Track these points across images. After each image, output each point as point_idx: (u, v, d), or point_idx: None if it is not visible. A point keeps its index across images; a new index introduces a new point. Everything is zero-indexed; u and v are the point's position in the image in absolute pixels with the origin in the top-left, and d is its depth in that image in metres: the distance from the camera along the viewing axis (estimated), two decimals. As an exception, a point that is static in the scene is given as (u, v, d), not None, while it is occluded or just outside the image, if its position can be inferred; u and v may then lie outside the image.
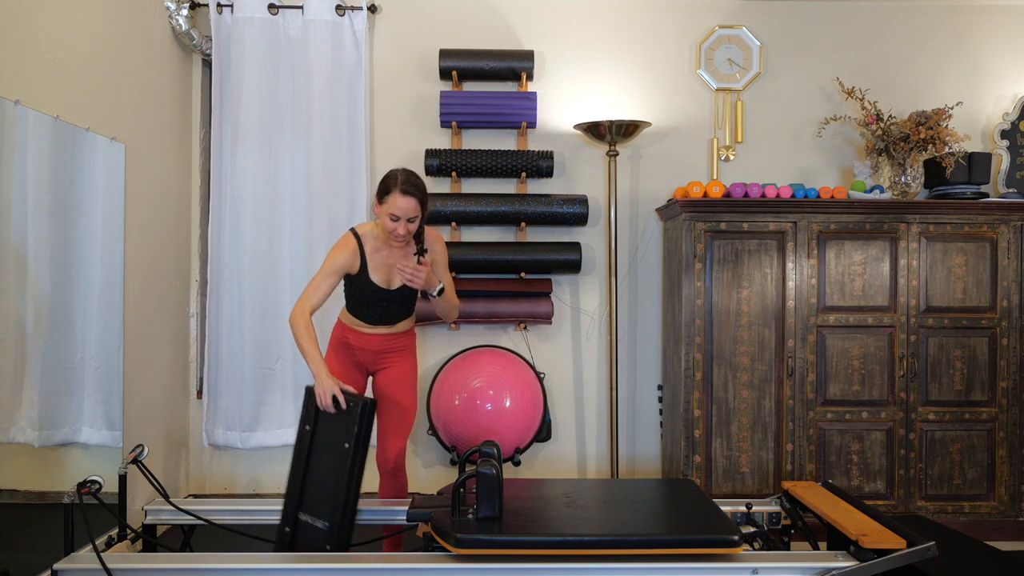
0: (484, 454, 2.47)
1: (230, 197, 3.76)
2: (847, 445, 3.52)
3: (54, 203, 2.71)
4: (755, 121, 3.98)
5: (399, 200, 2.55)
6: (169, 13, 3.64)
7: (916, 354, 3.53)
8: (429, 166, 3.77)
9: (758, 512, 2.81)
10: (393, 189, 2.56)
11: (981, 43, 3.99)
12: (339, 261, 2.70)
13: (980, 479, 3.54)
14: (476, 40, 3.93)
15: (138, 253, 3.32)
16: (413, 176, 2.62)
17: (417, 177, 2.63)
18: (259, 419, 3.79)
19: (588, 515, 2.42)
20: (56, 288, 2.74)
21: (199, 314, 3.93)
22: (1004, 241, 3.54)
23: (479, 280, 3.81)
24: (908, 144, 3.66)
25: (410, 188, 2.56)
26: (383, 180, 2.62)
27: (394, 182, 2.57)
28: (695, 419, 3.50)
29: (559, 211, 3.75)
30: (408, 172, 2.63)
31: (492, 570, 2.23)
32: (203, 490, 3.92)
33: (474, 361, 3.67)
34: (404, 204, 2.55)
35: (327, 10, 3.77)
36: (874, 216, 3.52)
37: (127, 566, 2.26)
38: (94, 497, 2.35)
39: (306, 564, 2.27)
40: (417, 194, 2.58)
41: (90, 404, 2.92)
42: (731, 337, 3.52)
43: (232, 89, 3.75)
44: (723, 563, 2.24)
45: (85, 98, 2.93)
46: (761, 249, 3.52)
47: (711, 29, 3.96)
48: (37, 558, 2.48)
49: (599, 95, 3.96)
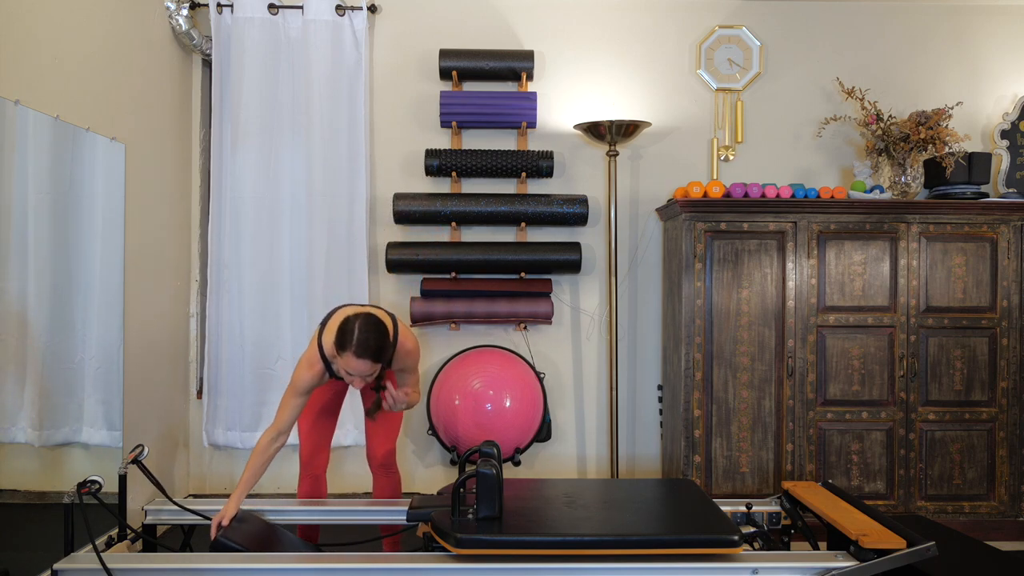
0: (484, 454, 2.47)
1: (230, 197, 3.76)
2: (847, 445, 3.52)
3: (54, 203, 2.71)
4: (755, 121, 3.98)
5: (352, 361, 2.38)
6: (169, 13, 3.64)
7: (916, 354, 3.53)
8: (429, 166, 3.77)
9: (758, 512, 2.81)
10: (348, 349, 2.37)
11: (981, 43, 3.99)
12: (305, 381, 2.56)
13: (980, 479, 3.54)
14: (476, 40, 3.93)
15: (138, 253, 3.32)
16: (371, 334, 2.39)
17: (376, 333, 2.40)
18: (259, 419, 3.79)
19: (588, 515, 2.42)
20: (56, 288, 2.74)
21: (199, 314, 3.93)
22: (1004, 241, 3.54)
23: (479, 280, 3.81)
24: (908, 144, 3.66)
25: (363, 352, 2.36)
26: (340, 330, 2.40)
27: (350, 340, 2.36)
28: (695, 419, 3.50)
29: (559, 211, 3.75)
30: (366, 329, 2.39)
31: (492, 570, 2.23)
32: (203, 490, 3.92)
33: (474, 361, 3.67)
34: (357, 366, 2.38)
35: (327, 10, 3.77)
36: (874, 216, 3.52)
37: (127, 566, 2.26)
38: (94, 497, 2.35)
39: (306, 564, 2.27)
40: (371, 356, 2.38)
41: (90, 404, 2.92)
42: (731, 337, 3.52)
43: (232, 89, 3.76)
44: (723, 563, 2.24)
45: (85, 98, 2.93)
46: (761, 249, 3.52)
47: (711, 29, 3.96)
48: (37, 558, 2.48)
49: (599, 95, 3.96)
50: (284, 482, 3.93)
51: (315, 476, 2.89)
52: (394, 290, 3.94)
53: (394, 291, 3.94)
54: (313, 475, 2.89)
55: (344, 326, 2.40)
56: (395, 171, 3.94)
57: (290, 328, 3.81)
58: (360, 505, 2.85)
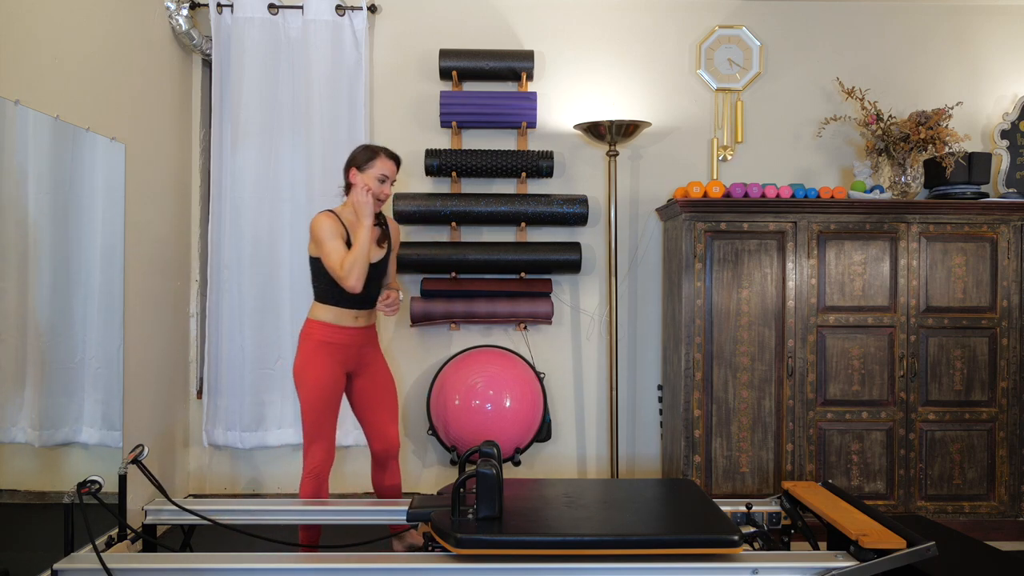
0: (484, 454, 2.47)
1: (230, 197, 3.76)
2: (847, 445, 3.52)
3: (54, 203, 2.71)
4: (755, 121, 3.98)
5: (387, 163, 2.90)
6: (169, 13, 3.64)
7: (916, 354, 3.53)
8: (429, 166, 3.77)
9: (758, 512, 2.81)
10: (380, 154, 2.89)
11: (981, 43, 3.99)
12: (333, 226, 2.80)
13: (980, 479, 3.54)
14: (476, 40, 3.93)
15: (138, 253, 3.32)
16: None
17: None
18: (259, 419, 3.79)
19: (588, 515, 2.42)
20: (56, 288, 2.74)
21: (199, 314, 3.93)
22: (1004, 241, 3.54)
23: (479, 280, 3.81)
24: (908, 144, 3.66)
25: (392, 153, 2.93)
26: (363, 150, 2.91)
27: (376, 149, 2.90)
28: (695, 419, 3.50)
29: (559, 211, 3.75)
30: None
31: (492, 570, 2.23)
32: (203, 490, 3.92)
33: (474, 361, 3.67)
34: (390, 166, 2.91)
35: (327, 10, 3.77)
36: (874, 216, 3.52)
37: (127, 566, 2.26)
38: (94, 497, 2.35)
39: (306, 564, 2.27)
40: (396, 158, 2.94)
41: (90, 404, 2.92)
42: (731, 337, 3.52)
43: (232, 89, 3.76)
44: (723, 563, 2.24)
45: (85, 98, 2.93)
46: (761, 249, 3.52)
47: (711, 29, 3.96)
48: (37, 558, 2.48)
49: (599, 95, 3.96)
50: (284, 482, 3.93)
51: (319, 477, 2.89)
52: (394, 290, 3.94)
53: (394, 291, 3.94)
54: (317, 476, 2.88)
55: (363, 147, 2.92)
56: (395, 171, 3.94)
57: (290, 328, 3.80)
58: (360, 505, 2.85)
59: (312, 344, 2.86)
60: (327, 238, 2.77)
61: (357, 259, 2.74)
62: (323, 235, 2.78)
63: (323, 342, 2.85)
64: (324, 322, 2.87)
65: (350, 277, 2.73)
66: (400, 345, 3.94)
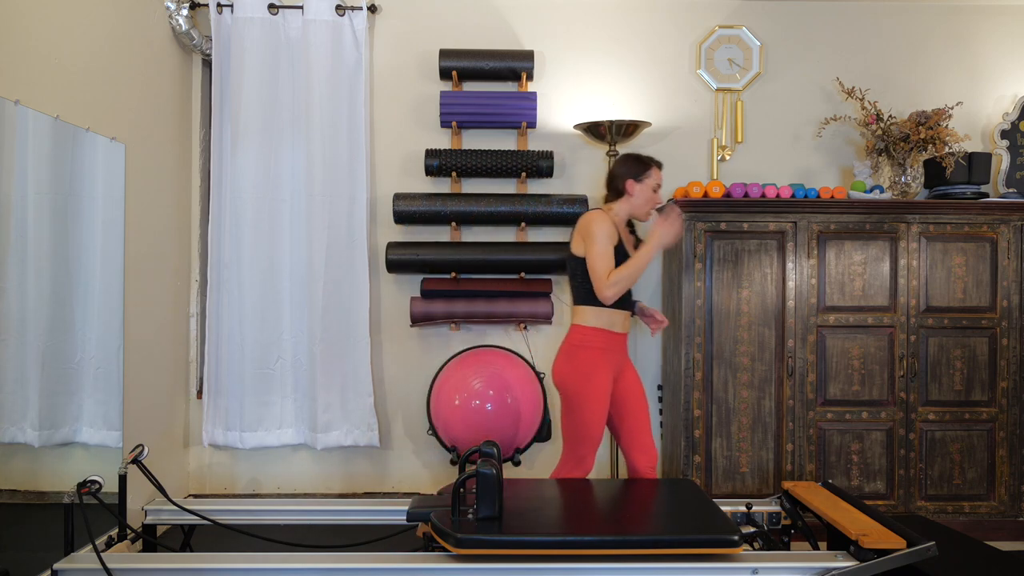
0: (484, 454, 2.47)
1: (230, 197, 3.76)
2: (847, 445, 3.52)
3: (54, 203, 2.71)
4: (755, 121, 3.98)
5: (659, 174, 2.92)
6: (169, 13, 3.64)
7: (916, 354, 3.53)
8: (429, 166, 3.77)
9: (758, 512, 2.81)
10: (652, 165, 2.90)
11: (981, 43, 3.99)
12: (610, 229, 2.76)
13: (980, 479, 3.54)
14: (476, 40, 3.93)
15: (138, 253, 3.32)
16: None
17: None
18: (259, 419, 3.79)
19: (588, 515, 2.42)
20: (56, 288, 2.74)
21: (199, 314, 3.93)
22: (1004, 241, 3.54)
23: (479, 280, 3.81)
24: (908, 144, 3.66)
25: (660, 164, 2.95)
26: (634, 160, 2.88)
27: (649, 160, 2.90)
28: (695, 419, 3.50)
29: (559, 211, 3.75)
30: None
31: (492, 570, 2.23)
32: (203, 490, 3.92)
33: (474, 361, 3.67)
34: (661, 177, 2.93)
35: (327, 10, 3.77)
36: (874, 216, 3.52)
37: (127, 566, 2.26)
38: (94, 497, 2.35)
39: (306, 564, 2.27)
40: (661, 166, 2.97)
41: (90, 404, 2.92)
42: (731, 337, 3.52)
43: (232, 89, 3.75)
44: (723, 563, 2.24)
45: (85, 98, 2.93)
46: (761, 249, 3.52)
47: (711, 29, 3.96)
48: (37, 558, 2.48)
49: (599, 95, 3.96)
50: (284, 482, 3.93)
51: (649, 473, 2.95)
52: (394, 290, 3.94)
53: (394, 291, 3.94)
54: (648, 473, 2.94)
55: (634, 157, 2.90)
56: (395, 171, 3.94)
57: (290, 328, 3.81)
58: (361, 505, 2.85)
59: (593, 354, 2.77)
60: (601, 239, 2.72)
61: (630, 277, 2.70)
62: (599, 234, 2.72)
63: (603, 350, 2.78)
64: (601, 328, 2.78)
65: (611, 289, 2.68)
66: (400, 345, 3.94)
